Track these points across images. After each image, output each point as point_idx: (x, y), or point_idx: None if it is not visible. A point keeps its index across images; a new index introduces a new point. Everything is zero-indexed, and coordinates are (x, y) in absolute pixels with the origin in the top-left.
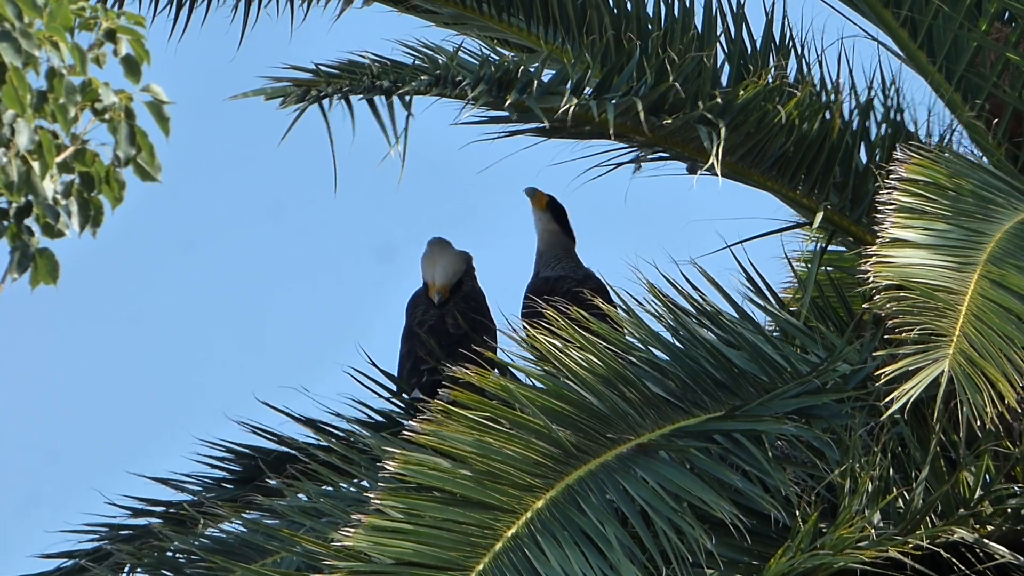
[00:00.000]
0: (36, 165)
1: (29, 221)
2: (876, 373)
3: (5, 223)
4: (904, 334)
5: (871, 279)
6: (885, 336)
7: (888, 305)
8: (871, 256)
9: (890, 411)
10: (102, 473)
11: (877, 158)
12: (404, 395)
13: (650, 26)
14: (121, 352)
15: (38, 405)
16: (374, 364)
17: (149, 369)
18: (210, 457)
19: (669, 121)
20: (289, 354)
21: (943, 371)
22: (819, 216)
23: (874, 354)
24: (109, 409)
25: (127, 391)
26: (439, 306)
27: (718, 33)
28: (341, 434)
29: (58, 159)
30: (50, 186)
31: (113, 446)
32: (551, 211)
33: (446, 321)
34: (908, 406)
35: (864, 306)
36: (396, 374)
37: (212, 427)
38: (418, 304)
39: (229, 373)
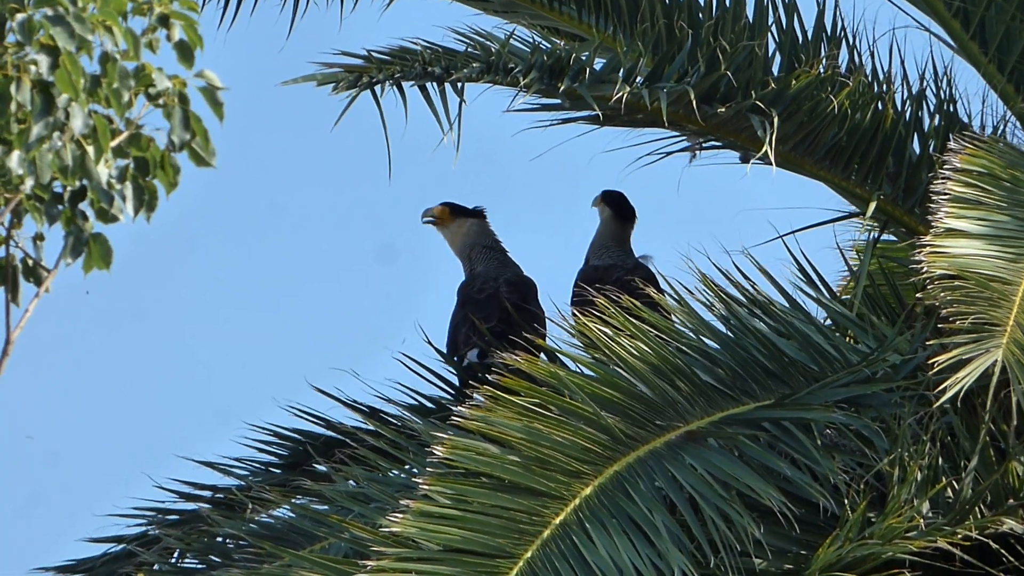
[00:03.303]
0: (91, 149)
1: (83, 205)
2: (929, 362)
3: (60, 207)
4: (957, 323)
5: (925, 269)
6: (938, 326)
7: (942, 295)
8: (925, 246)
9: (941, 400)
10: (149, 457)
11: (931, 148)
12: (455, 360)
13: (701, 15)
14: (171, 336)
15: (92, 388)
16: (429, 342)
17: (197, 353)
18: (258, 441)
19: (722, 110)
20: (338, 339)
21: (996, 360)
22: (872, 206)
23: (926, 343)
24: (157, 392)
25: (175, 375)
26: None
27: (769, 22)
28: (390, 419)
29: (113, 144)
30: (104, 170)
31: (160, 430)
32: (607, 202)
33: (501, 291)
34: (959, 396)
35: (917, 296)
36: (446, 346)
37: (260, 411)
38: (474, 281)
39: (277, 357)
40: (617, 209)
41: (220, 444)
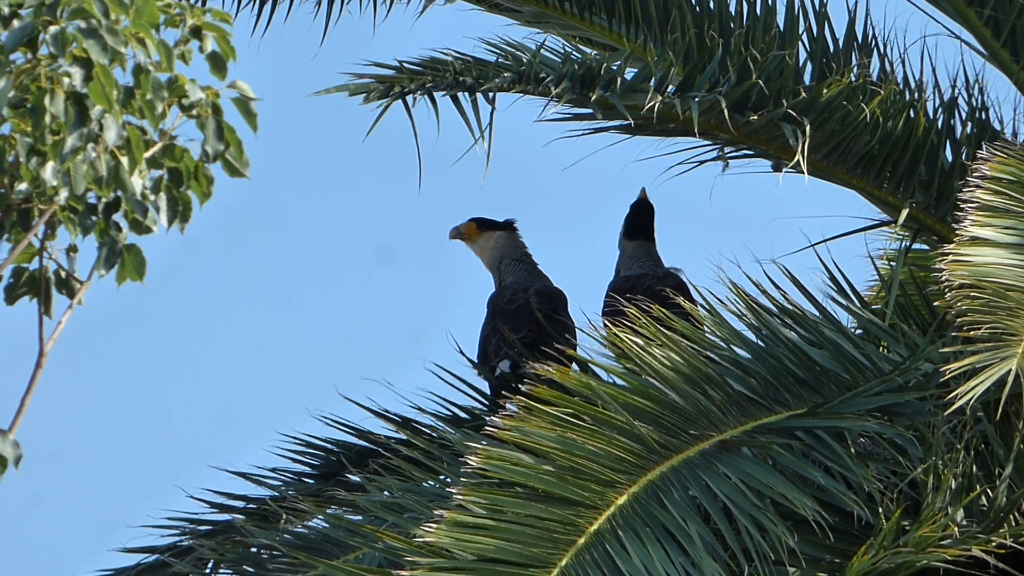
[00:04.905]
0: (125, 160)
1: (117, 216)
2: (942, 370)
3: (93, 218)
4: (974, 332)
5: (946, 277)
6: (953, 335)
7: (960, 304)
8: (948, 254)
9: (954, 407)
10: (183, 468)
11: (963, 156)
12: (487, 370)
13: (732, 24)
14: (204, 347)
15: (126, 399)
16: (461, 352)
17: (232, 363)
18: (291, 451)
19: (754, 118)
20: (372, 348)
21: (1011, 370)
22: (904, 214)
23: (941, 351)
24: (191, 402)
25: (209, 385)
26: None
27: (800, 31)
28: (423, 429)
29: (147, 155)
30: (139, 181)
31: (193, 441)
32: (626, 236)
33: (532, 301)
34: (991, 403)
35: (935, 304)
36: (476, 356)
37: (293, 421)
38: (503, 293)
39: (310, 366)
40: (639, 221)
41: (254, 452)
